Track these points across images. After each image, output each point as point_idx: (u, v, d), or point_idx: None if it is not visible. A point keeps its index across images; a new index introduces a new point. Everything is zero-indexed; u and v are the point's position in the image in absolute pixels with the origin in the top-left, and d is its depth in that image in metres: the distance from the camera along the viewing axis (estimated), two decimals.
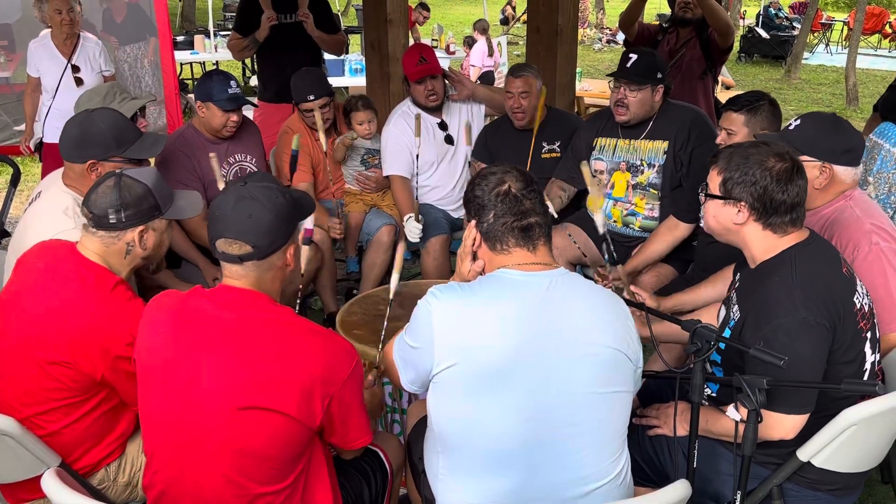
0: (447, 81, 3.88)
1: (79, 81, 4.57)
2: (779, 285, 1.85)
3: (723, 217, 1.98)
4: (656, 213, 3.28)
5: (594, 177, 2.96)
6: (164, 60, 7.47)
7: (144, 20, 7.55)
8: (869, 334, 1.92)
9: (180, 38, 9.94)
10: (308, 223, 2.97)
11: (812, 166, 2.19)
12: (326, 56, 5.77)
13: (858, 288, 1.92)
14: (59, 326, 1.91)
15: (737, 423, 1.76)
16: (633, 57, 3.17)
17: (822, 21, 16.65)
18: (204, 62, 10.55)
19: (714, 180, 1.98)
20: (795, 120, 2.30)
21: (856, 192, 2.28)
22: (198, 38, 10.11)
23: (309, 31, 4.49)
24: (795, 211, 1.90)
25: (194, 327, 1.71)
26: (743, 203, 1.92)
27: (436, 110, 3.87)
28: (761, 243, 1.94)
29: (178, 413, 1.69)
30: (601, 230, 2.74)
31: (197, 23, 15.58)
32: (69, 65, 4.57)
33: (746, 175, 1.90)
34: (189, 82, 10.61)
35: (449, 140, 3.91)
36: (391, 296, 2.43)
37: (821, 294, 1.82)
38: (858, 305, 1.89)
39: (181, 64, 9.70)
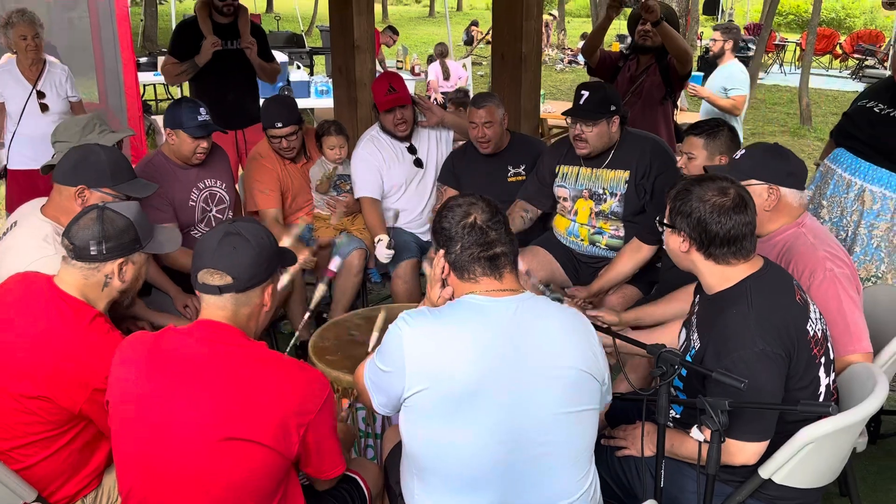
0: (416, 108, 3.96)
1: (44, 107, 4.55)
2: (736, 317, 1.94)
3: (671, 244, 2.10)
4: (622, 233, 3.38)
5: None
6: (127, 81, 7.43)
7: None
8: (823, 359, 2.02)
9: (143, 60, 9.90)
10: (333, 265, 3.05)
11: (760, 189, 2.33)
12: (299, 77, 5.83)
13: (811, 315, 2.02)
14: (36, 360, 1.92)
15: (700, 443, 1.83)
16: (585, 94, 3.26)
17: (776, 42, 17.11)
18: (167, 83, 10.50)
19: (666, 210, 2.11)
20: (741, 150, 2.44)
21: (807, 219, 2.39)
22: (161, 60, 10.06)
23: (251, 59, 4.53)
24: (735, 244, 1.99)
25: (167, 363, 1.74)
26: (684, 233, 2.03)
27: (405, 137, 3.94)
28: (712, 273, 2.04)
29: (155, 450, 1.71)
30: None
31: (159, 43, 15.50)
32: (34, 90, 4.55)
33: (685, 206, 2.02)
34: (152, 103, 10.56)
35: (418, 163, 3.98)
36: (370, 349, 2.52)
37: (776, 325, 1.92)
38: (812, 333, 1.98)
39: (144, 85, 9.66)
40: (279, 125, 3.72)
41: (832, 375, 2.07)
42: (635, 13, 4.33)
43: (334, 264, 3.06)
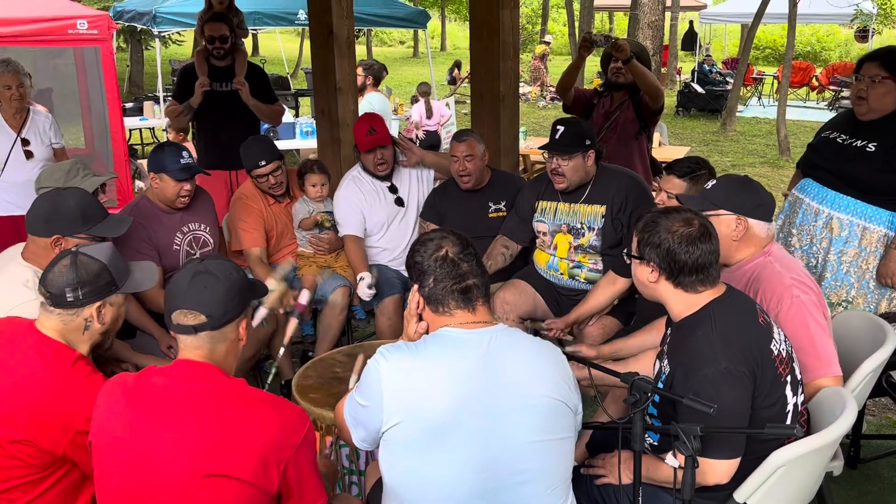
0: (397, 149, 4.03)
1: (28, 154, 4.60)
2: (701, 339, 2.00)
3: (640, 275, 2.16)
4: (600, 266, 3.44)
5: None
6: (113, 126, 7.51)
7: None
8: (789, 378, 2.07)
9: (129, 105, 10.02)
10: (303, 298, 3.07)
11: (728, 219, 2.41)
12: (285, 119, 5.90)
13: (775, 335, 2.08)
14: (18, 404, 1.94)
15: (675, 469, 1.87)
16: (561, 128, 3.35)
17: (754, 76, 17.45)
18: (153, 128, 10.61)
19: (633, 242, 2.18)
20: (713, 181, 2.52)
21: (774, 248, 2.46)
22: (147, 105, 10.19)
23: (244, 100, 4.62)
24: (703, 272, 2.06)
25: (148, 403, 1.76)
26: (653, 263, 2.09)
27: (387, 176, 4.00)
28: (678, 300, 2.10)
29: (138, 489, 1.73)
30: None
31: (145, 88, 15.64)
32: (18, 138, 4.60)
33: (654, 237, 2.08)
34: (138, 148, 10.63)
35: (399, 202, 4.04)
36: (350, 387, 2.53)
37: (739, 344, 1.98)
38: (776, 352, 2.04)
39: (130, 130, 9.74)
40: (263, 163, 3.79)
41: (800, 396, 2.11)
42: (607, 52, 4.45)
43: (304, 298, 3.09)
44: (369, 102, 7.07)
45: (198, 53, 4.77)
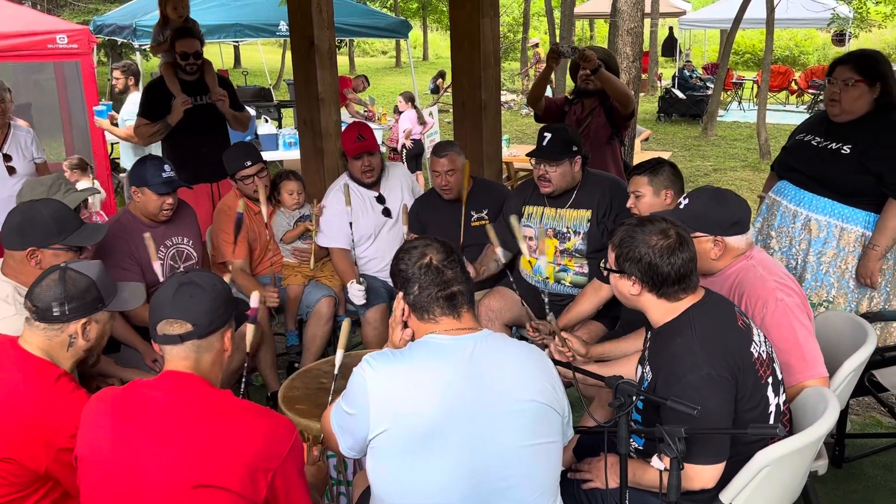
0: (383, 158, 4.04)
1: (11, 170, 4.54)
2: (681, 346, 2.01)
3: (621, 288, 2.17)
4: (586, 270, 3.47)
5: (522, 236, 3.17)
6: (94, 141, 7.48)
7: None
8: (770, 379, 2.08)
9: None
10: (253, 301, 3.05)
11: (705, 241, 2.41)
12: (267, 130, 5.88)
13: (755, 338, 2.10)
14: (0, 422, 1.92)
15: (661, 472, 1.88)
16: (548, 135, 3.39)
17: (734, 80, 17.60)
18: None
19: (610, 256, 2.18)
20: (685, 198, 2.50)
21: (755, 252, 2.48)
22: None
23: (223, 111, 4.60)
24: (684, 281, 2.07)
25: (134, 416, 1.76)
26: (634, 277, 2.10)
27: (373, 185, 4.01)
28: (659, 309, 2.12)
29: (127, 503, 1.72)
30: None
31: None
32: (0, 154, 4.56)
33: (633, 252, 2.09)
34: (120, 162, 10.56)
35: (387, 213, 4.04)
36: (336, 370, 2.50)
37: (720, 349, 1.99)
38: (756, 354, 2.06)
39: (112, 144, 9.68)
40: (248, 164, 3.79)
41: (781, 396, 2.13)
42: (575, 61, 4.48)
43: (254, 300, 3.08)
44: (133, 103, 6.50)
45: (164, 68, 4.69)
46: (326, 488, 2.66)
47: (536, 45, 18.74)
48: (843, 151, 3.09)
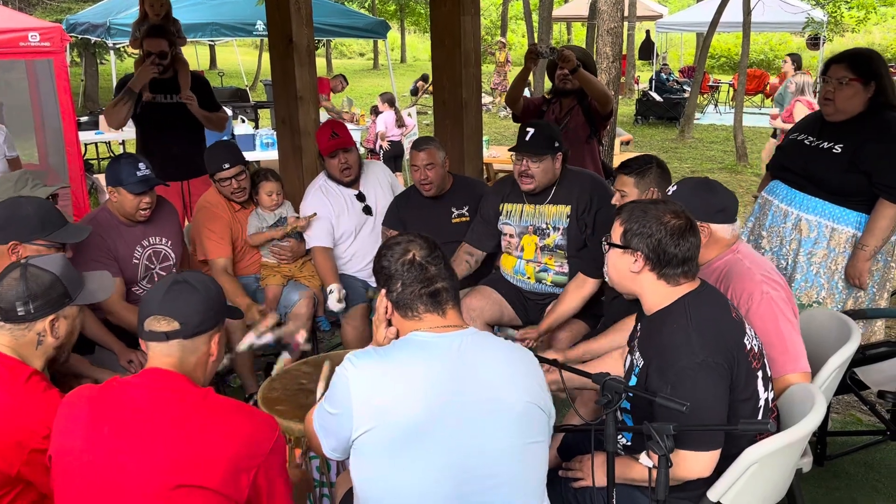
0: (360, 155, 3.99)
1: None
2: (676, 331, 1.99)
3: (621, 265, 2.12)
4: (566, 269, 3.45)
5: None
6: (68, 141, 7.34)
7: None
8: (760, 373, 2.07)
9: (84, 119, 9.81)
10: (300, 337, 3.03)
11: None
12: (244, 131, 5.81)
13: (747, 330, 2.08)
14: None
15: (650, 469, 1.86)
16: (531, 130, 3.36)
17: (710, 84, 17.75)
18: (109, 142, 10.42)
19: (616, 231, 2.14)
20: (673, 186, 2.50)
21: (741, 245, 2.47)
22: (102, 118, 9.98)
23: (193, 112, 4.51)
24: (687, 264, 2.06)
25: (113, 414, 1.71)
26: (639, 253, 2.07)
27: (352, 183, 3.96)
28: (656, 292, 2.09)
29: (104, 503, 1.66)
30: None
31: (100, 102, 15.36)
32: None
33: (644, 228, 2.06)
34: (94, 162, 10.43)
35: (367, 210, 4.00)
36: (318, 398, 2.46)
37: (715, 337, 1.98)
38: (749, 346, 2.04)
39: (86, 144, 9.55)
40: (227, 166, 3.72)
41: (770, 392, 2.12)
42: (552, 61, 4.47)
43: (301, 337, 3.02)
44: None
45: (139, 65, 4.56)
46: (309, 492, 2.61)
47: (504, 46, 18.72)
48: (834, 151, 3.08)
